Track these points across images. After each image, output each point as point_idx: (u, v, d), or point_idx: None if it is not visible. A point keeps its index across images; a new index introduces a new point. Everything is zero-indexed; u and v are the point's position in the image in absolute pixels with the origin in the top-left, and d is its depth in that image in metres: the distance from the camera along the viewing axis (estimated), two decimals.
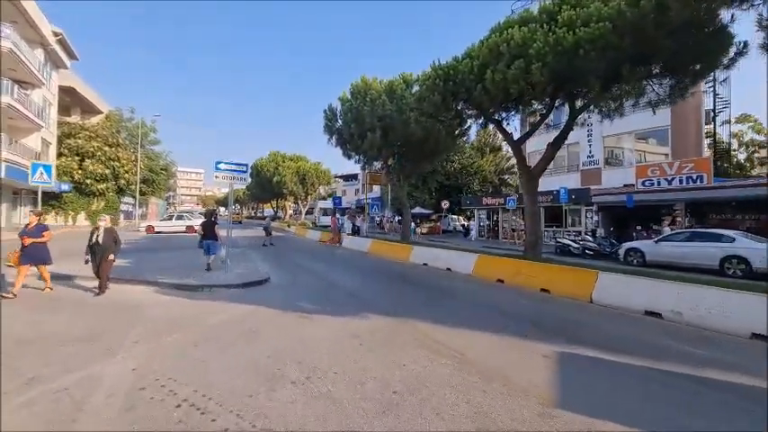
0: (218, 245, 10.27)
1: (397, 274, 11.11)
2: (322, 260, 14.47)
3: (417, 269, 12.07)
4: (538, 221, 10.63)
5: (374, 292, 8.63)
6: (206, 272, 10.01)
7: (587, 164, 26.22)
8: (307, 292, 8.48)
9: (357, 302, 7.52)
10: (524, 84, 7.44)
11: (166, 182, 47.05)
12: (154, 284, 8.85)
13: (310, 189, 42.03)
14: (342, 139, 15.76)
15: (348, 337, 5.35)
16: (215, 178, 9.67)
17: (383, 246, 15.96)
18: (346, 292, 8.50)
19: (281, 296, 7.98)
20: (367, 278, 10.59)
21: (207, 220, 10.49)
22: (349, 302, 7.53)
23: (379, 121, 13.67)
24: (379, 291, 8.91)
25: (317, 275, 10.74)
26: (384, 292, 8.72)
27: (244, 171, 10.04)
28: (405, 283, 9.67)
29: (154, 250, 15.77)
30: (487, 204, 30.18)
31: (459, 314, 6.82)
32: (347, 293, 8.39)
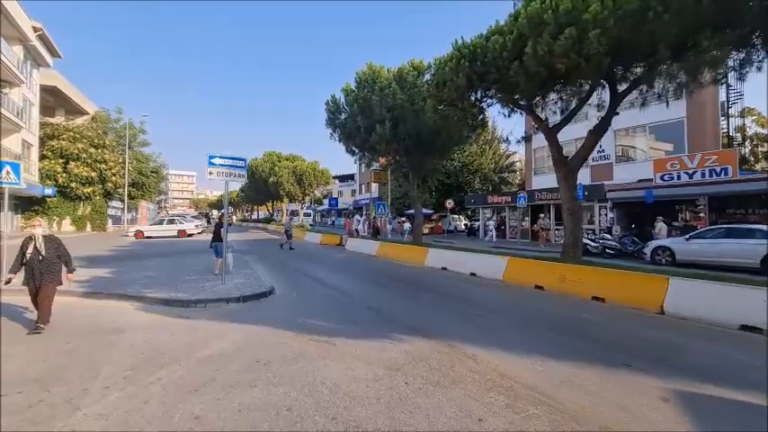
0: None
1: (416, 281, 9.87)
2: (328, 266, 13.18)
3: (436, 275, 10.83)
4: (579, 220, 9.45)
5: (397, 305, 7.38)
6: (204, 284, 8.71)
7: (597, 159, 25.19)
8: (319, 307, 7.21)
9: (381, 319, 6.27)
10: (576, 57, 6.26)
11: (157, 185, 45.33)
12: (138, 299, 7.52)
13: (308, 190, 40.60)
14: (346, 133, 14.48)
15: (386, 371, 4.10)
16: (208, 175, 8.36)
17: (393, 248, 14.72)
18: (365, 305, 7.23)
19: (289, 313, 6.70)
20: (383, 287, 9.34)
21: (216, 224, 10.58)
22: (372, 319, 6.27)
23: (389, 111, 12.43)
24: (402, 302, 7.65)
25: (326, 284, 9.46)
26: (409, 305, 7.46)
27: (241, 167, 8.75)
28: (429, 293, 8.42)
29: (141, 257, 14.37)
30: (493, 203, 29.06)
31: (511, 333, 5.59)
32: (366, 307, 7.12)
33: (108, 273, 10.44)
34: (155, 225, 27.69)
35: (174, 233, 26.68)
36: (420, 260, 12.63)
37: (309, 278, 10.46)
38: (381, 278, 10.66)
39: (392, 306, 7.20)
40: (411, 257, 13.20)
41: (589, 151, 9.25)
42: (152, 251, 17.25)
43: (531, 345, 4.98)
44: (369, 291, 8.73)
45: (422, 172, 16.53)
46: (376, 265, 13.04)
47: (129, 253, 16.56)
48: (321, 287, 9.15)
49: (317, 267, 12.68)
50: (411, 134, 12.99)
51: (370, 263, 13.73)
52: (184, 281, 9.22)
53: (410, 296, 8.22)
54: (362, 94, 12.85)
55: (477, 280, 9.78)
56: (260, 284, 8.72)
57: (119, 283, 8.84)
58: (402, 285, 9.43)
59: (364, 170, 62.28)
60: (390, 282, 10.01)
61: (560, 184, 9.36)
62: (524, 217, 27.21)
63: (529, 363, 4.34)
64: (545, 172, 29.05)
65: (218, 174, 8.47)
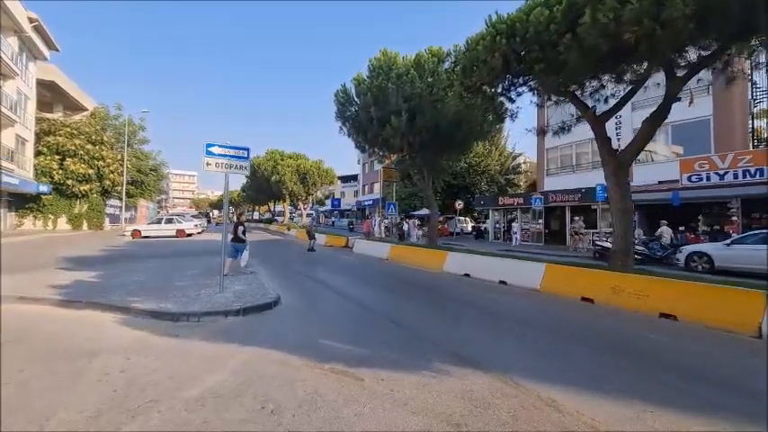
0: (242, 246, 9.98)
1: (439, 290, 8.75)
2: (338, 270, 12.08)
3: (460, 282, 9.70)
4: (630, 222, 8.32)
5: (426, 320, 6.25)
6: (199, 291, 7.61)
7: None
8: (334, 322, 6.09)
9: (411, 339, 5.15)
10: (650, 23, 5.15)
11: (156, 183, 44.28)
12: (122, 310, 6.42)
13: (311, 189, 39.44)
14: (356, 127, 13.37)
15: (441, 425, 2.97)
16: (206, 166, 7.25)
17: (406, 251, 13.59)
18: (388, 320, 6.12)
19: (299, 330, 5.58)
20: (404, 295, 8.23)
21: (235, 224, 10.31)
22: (400, 339, 5.15)
23: (406, 101, 11.32)
24: (431, 316, 6.52)
25: (338, 292, 8.35)
26: (440, 320, 6.33)
27: (244, 158, 7.63)
28: (459, 304, 7.29)
29: (134, 259, 13.26)
30: (504, 204, 27.93)
31: (583, 362, 4.46)
32: (390, 321, 6.01)
33: (94, 276, 9.34)
34: (152, 224, 26.63)
35: (173, 233, 25.59)
36: (438, 265, 11.50)
37: (319, 284, 9.34)
38: (399, 285, 9.55)
39: (421, 321, 6.07)
40: (427, 262, 12.08)
41: (644, 142, 8.14)
42: (147, 252, 16.16)
43: (615, 379, 3.86)
44: (388, 300, 7.61)
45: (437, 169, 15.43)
46: (389, 270, 11.92)
47: (123, 254, 15.47)
48: (333, 296, 8.03)
49: (326, 272, 11.57)
50: (429, 127, 11.88)
51: (383, 267, 12.61)
52: (178, 287, 8.11)
53: (438, 308, 7.08)
54: (377, 82, 11.73)
55: (508, 289, 8.65)
56: (263, 293, 7.60)
57: (103, 290, 7.73)
58: (424, 294, 8.31)
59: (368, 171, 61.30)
60: (410, 289, 8.90)
61: (608, 181, 8.25)
62: (537, 219, 26.08)
63: (631, 412, 3.21)
64: (558, 173, 27.95)
65: (218, 165, 7.36)
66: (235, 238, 9.84)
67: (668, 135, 22.32)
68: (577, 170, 26.83)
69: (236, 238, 9.86)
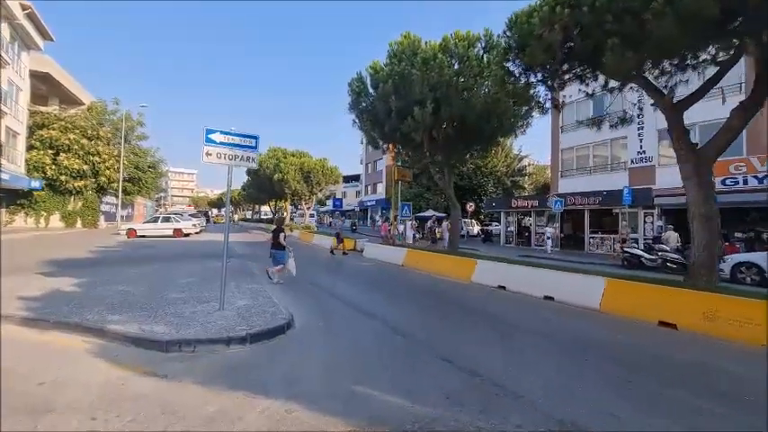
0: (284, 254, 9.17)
1: (478, 308, 7.46)
2: (353, 279, 10.83)
3: (498, 297, 8.42)
4: (715, 230, 7.07)
5: (481, 353, 4.96)
6: (196, 306, 6.35)
7: (637, 161, 22.81)
8: (366, 354, 4.82)
9: (478, 386, 3.89)
10: None
11: (155, 181, 42.93)
12: (98, 334, 5.15)
13: (315, 188, 38.10)
14: (373, 119, 12.09)
15: None
16: (206, 157, 5.97)
17: (424, 257, 12.33)
18: (435, 353, 4.85)
19: (324, 368, 4.32)
20: (437, 316, 6.97)
21: (276, 228, 9.58)
22: (463, 386, 3.90)
23: (432, 90, 10.06)
24: (485, 349, 5.22)
25: (360, 310, 7.08)
26: (500, 354, 5.03)
27: (252, 147, 6.35)
28: (515, 330, 5.99)
29: (124, 263, 11.99)
30: (518, 207, 26.67)
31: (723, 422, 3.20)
32: (435, 354, 4.75)
33: (73, 285, 8.05)
34: (148, 223, 25.34)
35: (170, 232, 24.31)
36: (465, 274, 10.23)
37: (334, 298, 8.07)
38: (427, 299, 8.30)
39: (475, 355, 4.78)
40: (451, 270, 10.81)
41: (734, 134, 6.89)
42: (140, 254, 14.87)
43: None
44: (423, 322, 6.33)
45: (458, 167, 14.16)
46: (410, 280, 10.64)
47: (113, 256, 14.19)
48: (354, 314, 6.76)
49: (340, 281, 10.30)
50: (455, 119, 10.64)
51: (402, 276, 11.33)
52: (169, 301, 6.84)
53: (490, 335, 5.75)
54: (398, 68, 10.44)
55: (558, 307, 7.38)
56: (272, 310, 6.32)
57: (80, 303, 6.46)
58: (463, 313, 7.02)
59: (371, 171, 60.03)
60: (443, 306, 7.63)
61: (687, 181, 7.00)
62: (552, 222, 24.84)
63: None
64: (573, 174, 26.71)
65: (220, 156, 6.08)
66: (276, 244, 9.13)
67: (695, 135, 21.06)
68: (594, 172, 25.61)
69: (276, 244, 9.12)
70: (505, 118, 10.99)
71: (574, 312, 6.97)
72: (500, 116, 10.88)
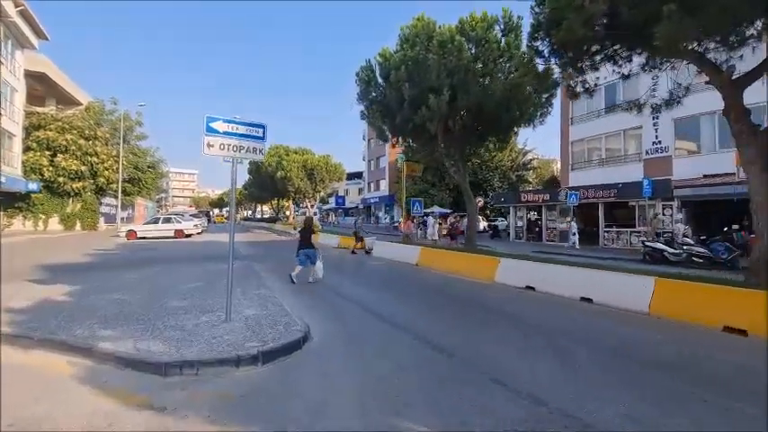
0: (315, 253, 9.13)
1: (510, 313, 6.73)
2: (367, 280, 10.16)
3: (527, 299, 7.70)
4: None
5: (534, 371, 4.25)
6: (199, 317, 5.66)
7: (652, 152, 21.98)
8: (399, 374, 4.11)
9: (538, 414, 3.18)
10: None
11: (155, 181, 42.25)
12: (86, 354, 4.47)
13: (319, 185, 37.33)
14: (383, 110, 11.34)
15: None
16: (207, 149, 5.26)
17: (439, 256, 11.62)
18: (479, 372, 4.14)
19: (354, 394, 3.62)
20: (471, 324, 6.25)
21: (305, 228, 9.59)
22: (521, 413, 3.21)
23: (449, 76, 9.29)
24: (536, 364, 4.51)
25: (384, 318, 6.39)
26: (557, 371, 4.31)
27: (259, 138, 5.63)
28: (563, 340, 5.26)
29: (122, 267, 11.31)
30: (528, 201, 25.91)
31: None
32: (483, 376, 4.04)
33: (64, 294, 7.37)
34: (149, 224, 24.69)
35: (171, 233, 23.66)
36: (487, 274, 9.52)
37: (351, 303, 7.38)
38: (454, 305, 7.59)
39: (539, 378, 4.04)
40: (471, 270, 10.09)
41: None
42: (139, 257, 14.20)
43: None
44: (459, 333, 5.60)
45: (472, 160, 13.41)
46: (429, 281, 9.92)
47: (111, 259, 13.53)
48: (379, 323, 6.05)
49: (354, 283, 9.61)
50: (472, 107, 9.89)
51: (418, 276, 10.61)
52: (170, 310, 6.15)
53: (540, 347, 5.01)
54: (412, 53, 9.67)
55: (598, 310, 6.66)
56: (285, 320, 5.62)
57: (69, 316, 5.78)
58: (501, 321, 6.26)
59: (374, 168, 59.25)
60: (473, 312, 6.91)
61: (749, 166, 6.23)
62: (566, 217, 24.08)
63: None
64: (584, 167, 25.93)
65: (223, 147, 5.37)
66: (306, 244, 9.09)
67: (714, 123, 20.25)
68: (606, 164, 24.82)
69: (307, 244, 9.10)
70: (526, 106, 10.24)
71: (621, 317, 6.24)
72: (520, 104, 10.12)
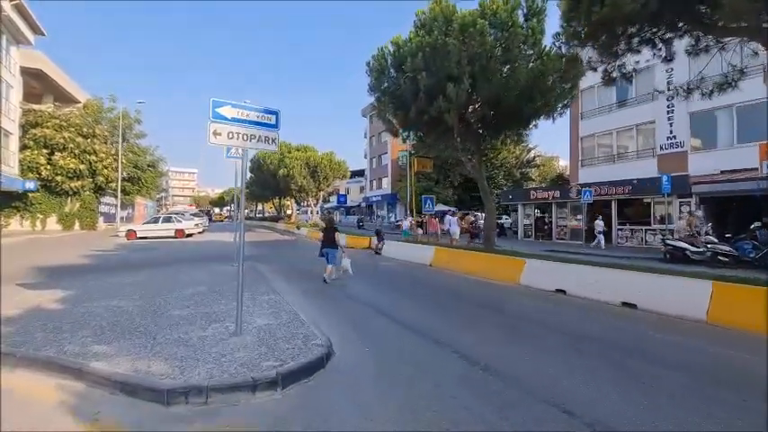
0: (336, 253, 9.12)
1: (551, 322, 6.09)
2: (383, 284, 9.53)
3: (562, 304, 7.07)
4: None
5: (598, 393, 3.63)
6: (205, 328, 5.04)
7: (667, 147, 21.30)
8: (444, 400, 3.47)
9: None
10: None
11: (155, 180, 41.58)
12: (75, 374, 3.85)
13: (323, 183, 36.60)
14: (396, 101, 10.66)
15: None
16: (213, 138, 4.61)
17: (455, 256, 10.98)
18: (538, 398, 3.51)
19: (389, 424, 2.98)
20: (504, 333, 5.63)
21: (328, 226, 9.57)
22: None
23: (470, 63, 8.61)
24: (596, 383, 3.90)
25: (409, 326, 5.77)
26: (616, 390, 3.70)
27: (272, 125, 4.98)
28: (618, 354, 4.64)
29: (120, 269, 10.67)
30: (537, 199, 25.26)
31: None
32: (544, 402, 3.41)
33: (56, 300, 6.75)
34: (149, 224, 24.05)
35: (171, 233, 23.03)
36: (510, 276, 8.88)
37: (372, 310, 6.74)
38: (486, 312, 6.96)
39: (608, 405, 3.42)
40: (492, 271, 9.45)
41: None
42: (138, 258, 13.58)
43: None
44: (499, 346, 4.96)
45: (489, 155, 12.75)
46: (449, 283, 9.28)
47: (109, 261, 12.89)
48: (406, 335, 5.40)
49: (370, 286, 8.98)
50: (492, 98, 9.23)
51: (438, 279, 9.97)
52: (172, 320, 5.52)
53: (597, 365, 4.38)
54: (430, 39, 8.97)
55: (645, 316, 6.03)
56: (303, 333, 4.99)
57: (59, 327, 5.16)
58: (541, 332, 5.59)
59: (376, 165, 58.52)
60: (506, 320, 6.28)
61: None
62: (576, 214, 23.43)
63: None
64: (595, 163, 25.27)
65: (231, 136, 4.72)
66: (330, 243, 9.08)
67: (732, 117, 19.59)
68: (618, 160, 24.16)
69: (330, 243, 9.09)
70: (549, 96, 9.59)
71: (675, 325, 5.61)
72: (543, 94, 9.47)
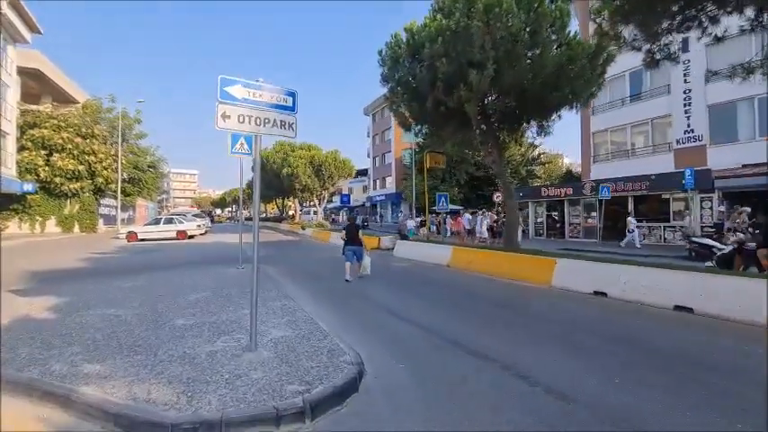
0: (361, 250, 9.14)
1: (603, 331, 5.40)
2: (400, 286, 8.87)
3: (605, 308, 6.42)
4: None
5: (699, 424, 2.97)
6: (214, 341, 4.39)
7: (684, 141, 20.59)
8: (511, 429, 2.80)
9: None
10: None
11: (156, 181, 40.96)
12: (62, 402, 3.20)
13: (328, 182, 35.89)
14: (411, 91, 9.97)
15: None
16: (221, 121, 3.96)
17: (475, 256, 10.29)
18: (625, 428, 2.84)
19: None
20: (553, 345, 4.96)
21: (351, 224, 9.59)
22: None
23: (494, 48, 7.93)
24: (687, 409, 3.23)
25: (434, 333, 5.13)
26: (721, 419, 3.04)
27: (289, 108, 4.33)
28: (701, 371, 3.98)
29: (119, 273, 10.03)
30: (549, 196, 24.56)
31: None
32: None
33: (49, 308, 6.10)
34: (150, 225, 23.45)
35: (173, 235, 22.41)
36: (541, 277, 8.20)
37: (395, 317, 6.07)
38: (522, 318, 6.29)
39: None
40: (519, 272, 8.77)
41: None
42: (139, 261, 12.94)
43: None
44: (553, 361, 4.29)
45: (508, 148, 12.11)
46: (472, 285, 8.60)
47: (108, 264, 12.25)
48: (444, 347, 4.72)
49: (386, 289, 8.31)
50: (515, 86, 8.56)
51: (458, 280, 9.28)
52: (176, 330, 4.88)
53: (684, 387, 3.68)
54: (450, 22, 8.29)
55: (712, 323, 5.34)
56: (327, 346, 4.33)
57: (47, 341, 4.52)
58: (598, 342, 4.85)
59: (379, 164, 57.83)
60: (555, 329, 5.60)
61: None
62: (591, 212, 22.72)
63: None
64: (608, 159, 24.58)
65: (242, 119, 4.07)
66: (353, 242, 9.07)
67: (753, 109, 18.88)
68: (632, 155, 23.46)
69: (354, 241, 9.07)
70: (577, 83, 8.92)
71: (739, 331, 4.95)
72: (571, 81, 8.80)
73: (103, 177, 30.40)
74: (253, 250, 4.28)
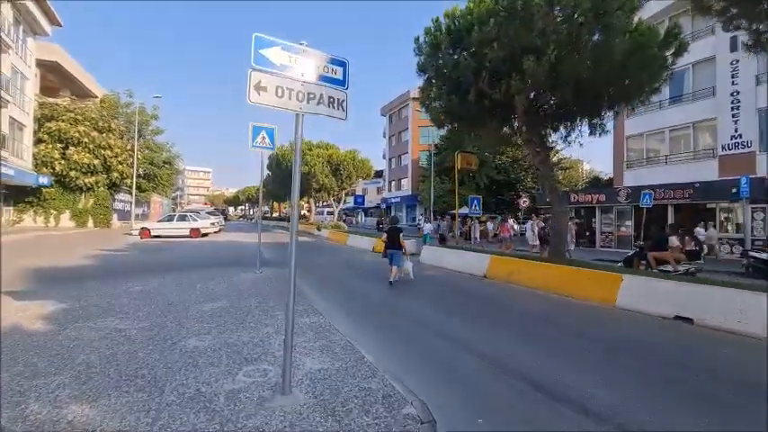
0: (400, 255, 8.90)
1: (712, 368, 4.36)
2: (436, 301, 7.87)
3: (684, 334, 5.32)
4: None
5: None
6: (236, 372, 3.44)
7: (730, 147, 19.07)
8: None
9: None
10: None
11: (171, 177, 40.66)
12: None
13: (346, 182, 34.98)
14: (450, 83, 8.95)
15: None
16: (255, 94, 3.04)
17: (518, 266, 9.23)
18: None
19: None
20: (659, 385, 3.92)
21: (392, 227, 9.50)
22: None
23: (555, 32, 6.89)
24: None
25: (517, 376, 4.10)
26: None
27: (339, 81, 3.38)
28: None
29: (130, 273, 9.22)
30: (578, 202, 23.28)
31: None
32: None
33: (43, 318, 5.25)
34: (163, 222, 22.85)
35: (186, 232, 21.76)
36: (601, 295, 7.09)
37: (448, 341, 5.05)
38: (600, 345, 5.23)
39: None
40: (572, 288, 7.66)
41: None
42: (150, 261, 12.18)
43: None
44: (663, 410, 3.27)
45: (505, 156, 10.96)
46: (526, 303, 7.51)
47: (117, 264, 11.49)
48: (523, 388, 3.71)
49: (429, 305, 7.30)
50: (574, 76, 7.49)
51: (505, 294, 8.20)
52: (187, 356, 3.95)
53: None
54: (505, 2, 7.30)
55: None
56: (381, 390, 3.35)
57: (33, 363, 3.64)
58: (706, 383, 3.91)
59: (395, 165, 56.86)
60: (652, 367, 4.54)
61: None
62: (624, 221, 21.38)
63: None
64: (643, 164, 23.11)
65: (280, 93, 3.12)
66: (393, 245, 8.98)
67: None
68: (670, 162, 21.98)
69: (394, 244, 8.97)
70: (643, 74, 7.82)
71: None
72: (638, 72, 7.71)
73: (119, 172, 30.06)
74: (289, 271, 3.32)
